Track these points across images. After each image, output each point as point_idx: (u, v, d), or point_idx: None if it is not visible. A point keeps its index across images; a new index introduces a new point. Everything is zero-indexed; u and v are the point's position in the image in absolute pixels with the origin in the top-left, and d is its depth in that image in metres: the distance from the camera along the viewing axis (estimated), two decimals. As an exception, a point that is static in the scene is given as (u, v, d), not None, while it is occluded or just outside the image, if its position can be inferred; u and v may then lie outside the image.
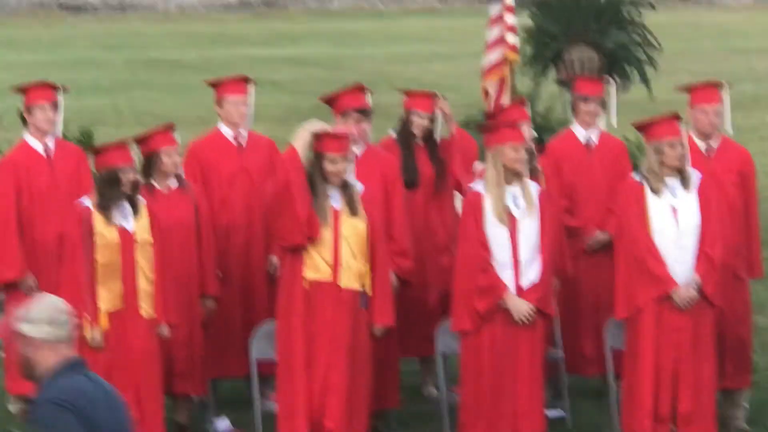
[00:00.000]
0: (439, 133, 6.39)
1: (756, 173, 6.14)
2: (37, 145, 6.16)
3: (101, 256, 5.17)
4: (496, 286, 5.22)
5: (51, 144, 6.19)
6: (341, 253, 5.15)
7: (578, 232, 6.04)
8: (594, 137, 6.24)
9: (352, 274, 5.19)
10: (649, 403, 5.26)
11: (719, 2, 28.43)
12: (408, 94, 6.53)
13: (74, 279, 5.24)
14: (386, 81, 7.48)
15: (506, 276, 5.24)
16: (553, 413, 5.77)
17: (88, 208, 5.18)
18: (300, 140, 5.13)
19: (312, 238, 5.08)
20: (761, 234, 6.25)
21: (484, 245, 5.26)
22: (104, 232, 5.17)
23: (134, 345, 5.21)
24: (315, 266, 5.14)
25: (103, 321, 5.17)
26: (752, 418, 5.89)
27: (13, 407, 6.28)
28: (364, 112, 5.91)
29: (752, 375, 6.07)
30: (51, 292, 4.47)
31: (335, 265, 5.16)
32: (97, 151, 5.56)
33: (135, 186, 5.32)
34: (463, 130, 6.72)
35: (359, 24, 25.30)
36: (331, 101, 5.99)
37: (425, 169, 6.17)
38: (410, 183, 6.02)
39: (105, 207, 5.15)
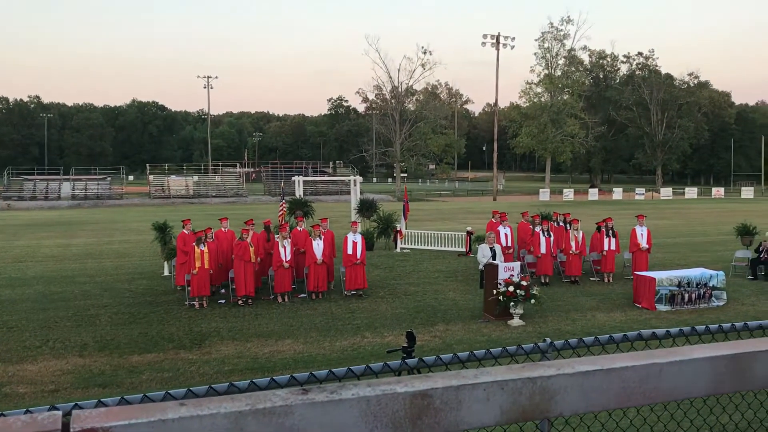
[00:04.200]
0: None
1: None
2: (187, 232, 21.97)
3: (197, 255, 20.95)
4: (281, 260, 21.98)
5: (189, 231, 22.23)
6: (252, 255, 21.21)
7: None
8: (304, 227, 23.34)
9: (253, 259, 21.10)
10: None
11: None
12: (264, 221, 23.08)
13: (191, 260, 21.34)
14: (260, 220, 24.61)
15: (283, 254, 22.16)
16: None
17: (194, 245, 21.25)
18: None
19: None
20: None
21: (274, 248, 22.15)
22: (197, 251, 21.09)
23: (204, 273, 20.88)
24: (248, 257, 21.11)
25: (197, 269, 20.54)
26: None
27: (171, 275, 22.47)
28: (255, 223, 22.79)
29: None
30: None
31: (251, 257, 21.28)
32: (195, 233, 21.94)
33: (206, 238, 20.91)
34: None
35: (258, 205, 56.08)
36: (245, 222, 22.16)
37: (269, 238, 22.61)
38: (268, 238, 22.30)
39: (197, 244, 20.98)
